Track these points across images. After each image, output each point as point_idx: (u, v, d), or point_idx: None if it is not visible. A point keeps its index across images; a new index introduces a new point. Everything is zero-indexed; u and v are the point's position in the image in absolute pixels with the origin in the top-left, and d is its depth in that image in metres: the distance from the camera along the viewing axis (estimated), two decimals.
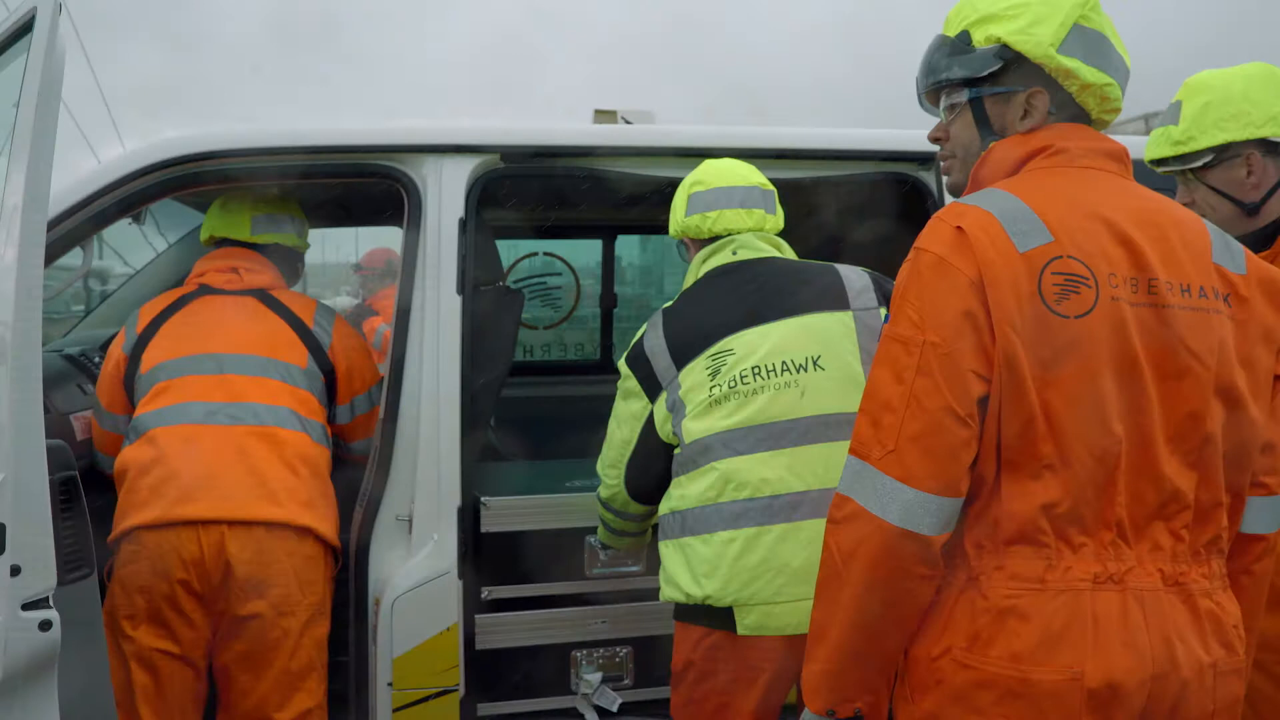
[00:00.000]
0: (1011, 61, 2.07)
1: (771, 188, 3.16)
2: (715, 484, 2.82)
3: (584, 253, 6.47)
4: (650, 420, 3.03)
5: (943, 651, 1.93)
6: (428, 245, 3.40)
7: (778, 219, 3.15)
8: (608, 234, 5.99)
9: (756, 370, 2.85)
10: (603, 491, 3.23)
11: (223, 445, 3.26)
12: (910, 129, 3.78)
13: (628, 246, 9.10)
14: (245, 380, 3.40)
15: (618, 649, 3.65)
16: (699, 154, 3.59)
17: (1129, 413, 1.88)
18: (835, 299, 2.98)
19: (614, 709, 3.77)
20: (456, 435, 3.31)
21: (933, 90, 2.20)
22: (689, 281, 3.12)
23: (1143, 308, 1.89)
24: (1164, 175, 2.75)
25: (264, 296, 3.64)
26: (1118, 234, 1.92)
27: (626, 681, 3.74)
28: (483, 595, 3.54)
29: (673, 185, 3.54)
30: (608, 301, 6.13)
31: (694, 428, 2.87)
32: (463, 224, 3.38)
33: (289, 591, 3.23)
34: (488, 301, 3.53)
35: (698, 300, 3.05)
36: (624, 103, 4.67)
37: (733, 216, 3.06)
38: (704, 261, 3.09)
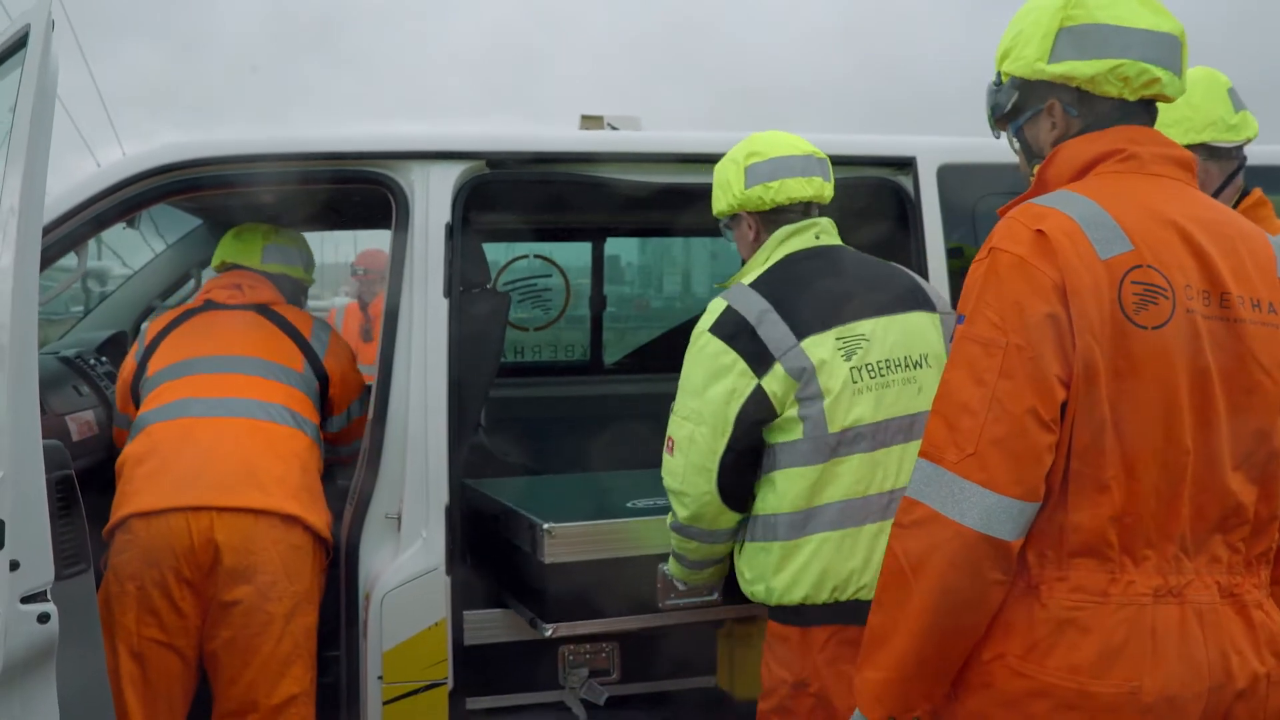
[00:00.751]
0: (1022, 88, 2.14)
1: (824, 155, 3.06)
2: (863, 476, 2.74)
3: (575, 254, 6.53)
4: (754, 397, 2.76)
5: (995, 656, 1.92)
6: (415, 249, 3.46)
7: (832, 186, 3.06)
8: (596, 237, 6.05)
9: (886, 363, 2.81)
10: (681, 512, 2.88)
11: (217, 437, 3.39)
12: (906, 134, 3.86)
13: (627, 246, 9.17)
14: (242, 378, 3.55)
15: (604, 644, 3.71)
16: (682, 159, 3.67)
17: (1197, 426, 1.87)
18: (923, 300, 2.97)
19: (601, 703, 3.83)
20: (444, 435, 3.37)
21: (996, 130, 2.28)
22: (760, 261, 2.97)
23: (1214, 321, 1.89)
24: None
25: (264, 310, 3.81)
26: (1191, 245, 1.91)
27: (614, 676, 3.80)
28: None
29: (654, 190, 3.61)
30: (597, 303, 6.18)
31: (841, 413, 2.74)
32: (449, 229, 3.45)
33: (275, 578, 3.32)
34: (475, 304, 3.59)
35: (792, 279, 2.90)
36: (621, 107, 4.71)
37: (795, 185, 2.94)
38: (782, 243, 2.96)
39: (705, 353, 2.82)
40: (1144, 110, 2.10)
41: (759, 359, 2.76)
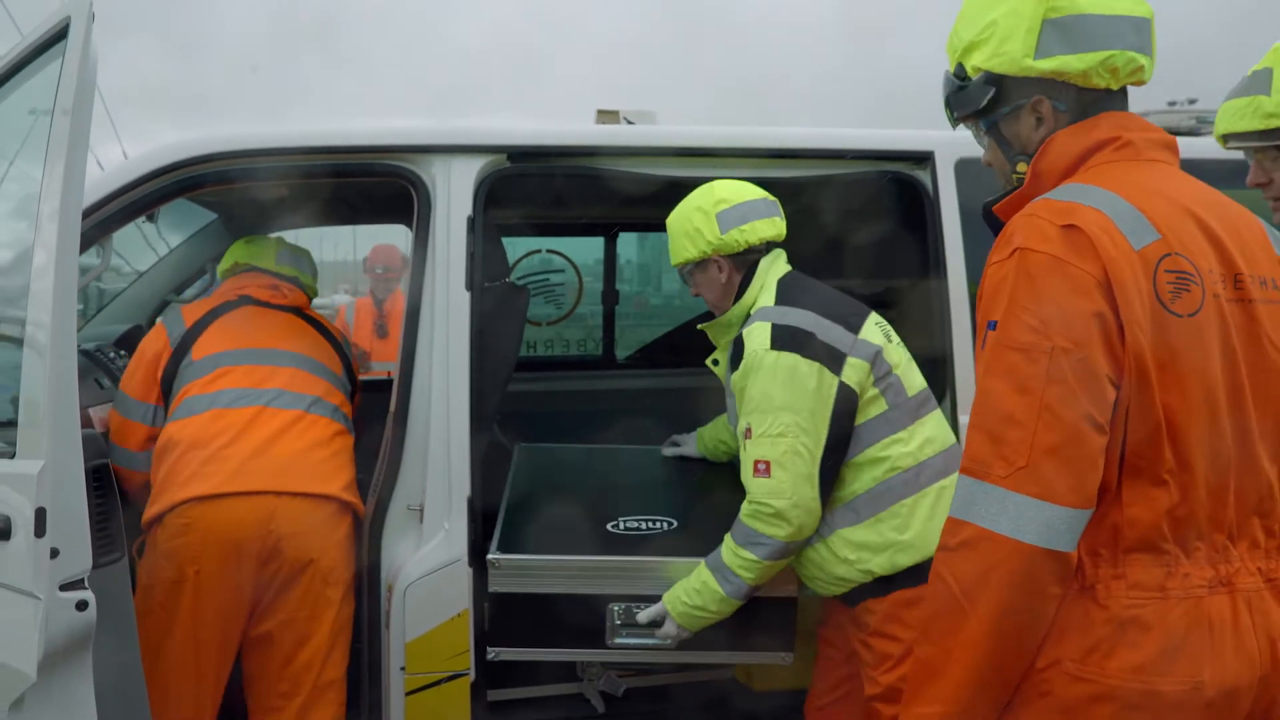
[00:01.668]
0: (1001, 83, 2.05)
1: (774, 199, 3.33)
2: (943, 429, 3.16)
3: (585, 250, 6.54)
4: (841, 394, 3.01)
5: (1050, 663, 1.85)
6: (436, 243, 3.49)
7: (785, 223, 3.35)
8: (610, 232, 6.09)
9: (901, 343, 3.21)
10: (784, 530, 2.96)
11: (281, 427, 3.44)
12: (916, 128, 3.88)
13: (625, 244, 9.17)
14: (299, 374, 3.62)
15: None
16: (699, 153, 3.69)
17: (1232, 411, 1.84)
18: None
19: (619, 695, 3.85)
20: (466, 427, 3.39)
21: (959, 123, 2.20)
22: (758, 287, 3.24)
23: (1234, 303, 1.86)
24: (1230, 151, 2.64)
25: (302, 314, 3.92)
26: (1205, 228, 1.89)
27: (631, 668, 3.83)
28: None
29: (672, 184, 3.62)
30: (610, 298, 6.21)
31: (911, 380, 3.13)
32: (471, 222, 3.47)
33: (334, 564, 3.39)
34: (494, 298, 3.61)
35: (804, 291, 3.19)
36: (635, 102, 4.74)
37: (763, 226, 3.24)
38: (770, 269, 3.26)
39: (780, 368, 2.99)
40: (1123, 96, 2.07)
41: (833, 358, 3.01)
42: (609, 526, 3.40)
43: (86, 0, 2.36)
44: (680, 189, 3.61)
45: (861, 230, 4.12)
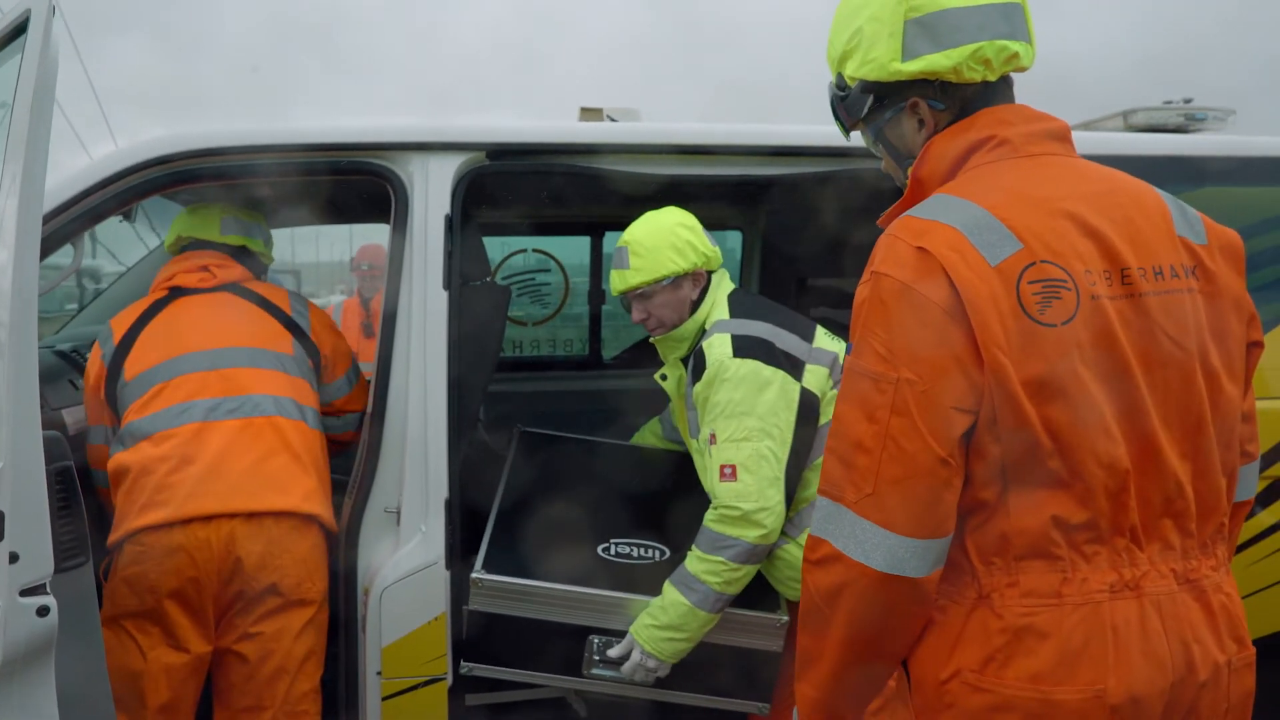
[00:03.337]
0: (877, 90, 2.03)
1: None
2: None
3: (572, 250, 6.51)
4: (803, 399, 3.16)
5: (952, 674, 1.84)
6: (414, 242, 3.44)
7: None
8: (596, 231, 6.04)
9: None
10: (753, 534, 3.02)
11: (226, 439, 3.30)
12: None
13: (611, 241, 9.13)
14: (240, 372, 3.44)
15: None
16: (686, 150, 3.65)
17: (1128, 414, 1.79)
18: None
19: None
20: (444, 429, 3.35)
21: (849, 133, 2.18)
22: (710, 303, 3.40)
23: (1120, 300, 1.81)
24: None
25: (239, 289, 3.69)
26: (1083, 226, 1.83)
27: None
28: None
29: (659, 182, 3.59)
30: (597, 298, 6.17)
31: None
32: (449, 221, 3.43)
33: (299, 579, 3.30)
34: (475, 297, 3.57)
35: (754, 305, 3.38)
36: (619, 101, 4.72)
37: (714, 253, 3.46)
38: (719, 285, 3.44)
39: (741, 375, 3.10)
40: (1006, 86, 2.02)
41: (792, 365, 3.16)
42: (600, 549, 3.39)
43: None
44: (662, 187, 3.58)
45: (855, 227, 4.07)
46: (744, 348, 3.15)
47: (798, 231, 4.28)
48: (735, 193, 4.95)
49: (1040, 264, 1.77)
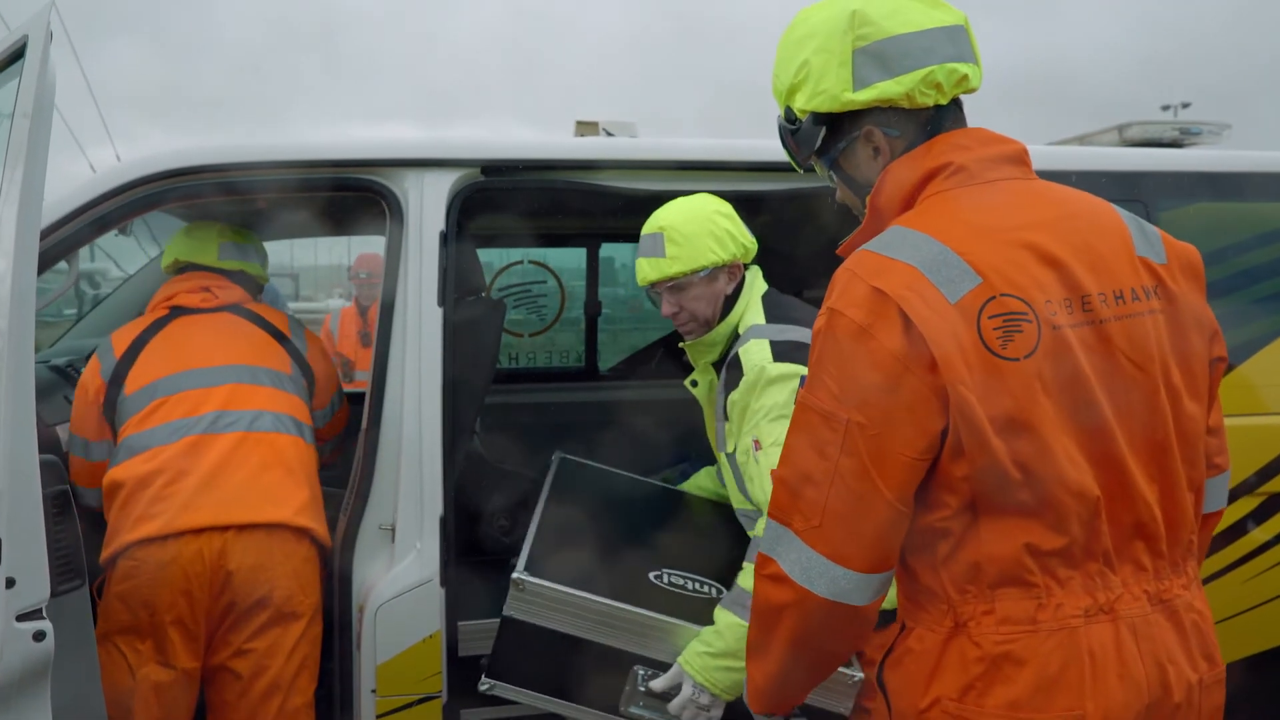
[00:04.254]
0: (830, 121, 2.01)
1: None
2: None
3: (569, 258, 6.51)
4: None
5: (931, 703, 1.84)
6: (409, 258, 3.45)
7: None
8: (591, 243, 6.05)
9: None
10: None
11: (223, 453, 3.31)
12: None
13: (620, 247, 9.15)
14: (239, 388, 3.47)
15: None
16: (677, 167, 3.66)
17: (1095, 441, 1.79)
18: None
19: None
20: (439, 446, 3.35)
21: (803, 166, 2.16)
22: (745, 303, 3.26)
23: (1082, 328, 1.80)
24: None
25: (239, 310, 3.73)
26: (1042, 255, 1.81)
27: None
28: None
29: (649, 197, 3.58)
30: (592, 309, 6.18)
31: None
32: (444, 237, 3.43)
33: (291, 592, 3.30)
34: (470, 312, 3.57)
35: (789, 308, 3.25)
36: (617, 107, 4.73)
37: (752, 244, 3.33)
38: (753, 284, 3.31)
39: (786, 380, 2.93)
40: (958, 109, 2.00)
41: None
42: (651, 575, 3.19)
43: (45, 19, 2.32)
44: (657, 202, 3.58)
45: (846, 236, 4.07)
46: (784, 353, 2.99)
47: (793, 246, 4.28)
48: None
49: (1000, 298, 1.76)
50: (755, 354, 3.02)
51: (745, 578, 2.86)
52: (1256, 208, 3.94)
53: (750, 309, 3.22)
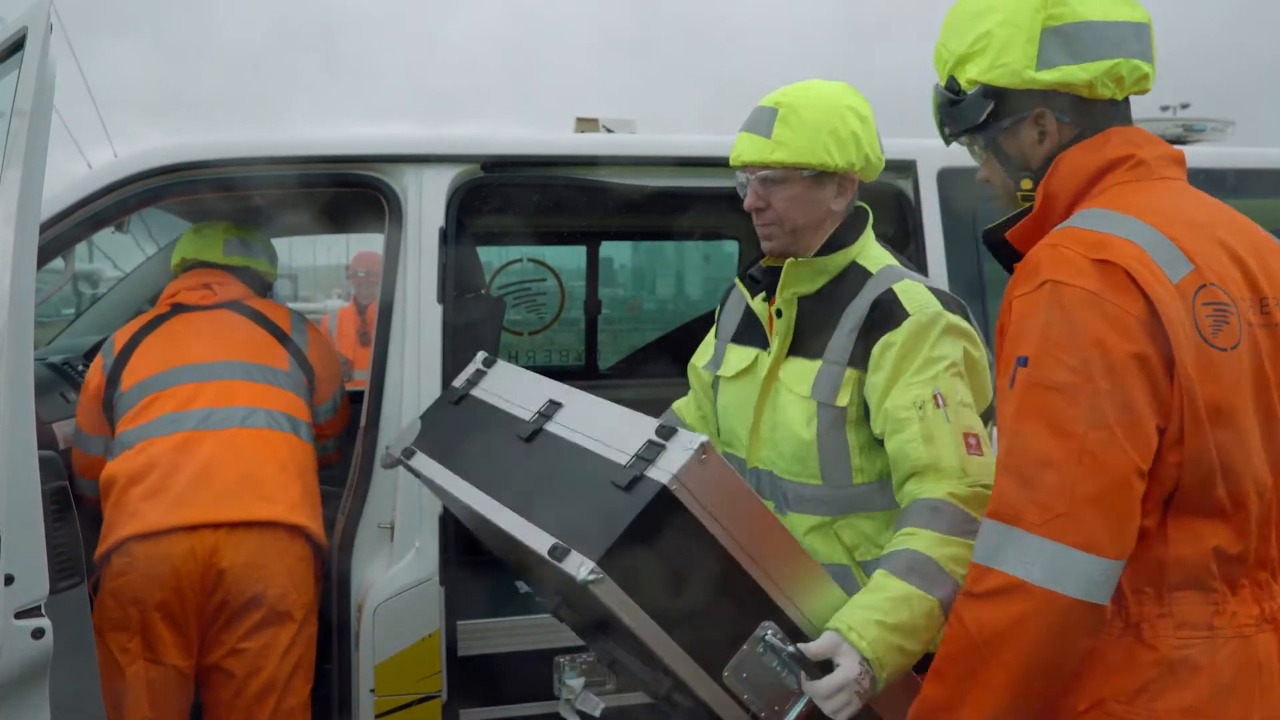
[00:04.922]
0: (1000, 96, 1.94)
1: None
2: None
3: (569, 257, 6.49)
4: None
5: (1093, 704, 1.78)
6: (408, 255, 3.43)
7: None
8: (591, 241, 6.03)
9: None
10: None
11: (215, 449, 3.29)
12: (896, 136, 3.82)
13: (620, 248, 9.14)
14: (232, 384, 3.45)
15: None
16: (681, 162, 3.64)
17: (1271, 443, 1.76)
18: None
19: (597, 714, 3.78)
20: None
21: (953, 139, 2.08)
22: (868, 239, 2.67)
23: (1262, 328, 1.78)
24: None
25: (238, 307, 3.70)
26: (1231, 253, 1.79)
27: (609, 687, 3.76)
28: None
29: (655, 194, 3.56)
30: (592, 307, 6.15)
31: None
32: (443, 233, 3.41)
33: (284, 591, 3.27)
34: (469, 309, 3.55)
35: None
36: (617, 105, 4.70)
37: (880, 160, 2.67)
38: (869, 225, 2.70)
39: (962, 335, 2.48)
40: (1128, 107, 1.97)
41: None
42: None
43: (44, 10, 2.30)
44: (658, 199, 3.57)
45: None
46: (951, 304, 2.51)
47: None
48: (731, 203, 4.94)
49: (1210, 286, 1.74)
50: (920, 296, 2.49)
51: (932, 545, 2.19)
52: (1260, 204, 3.92)
53: (875, 247, 2.67)
